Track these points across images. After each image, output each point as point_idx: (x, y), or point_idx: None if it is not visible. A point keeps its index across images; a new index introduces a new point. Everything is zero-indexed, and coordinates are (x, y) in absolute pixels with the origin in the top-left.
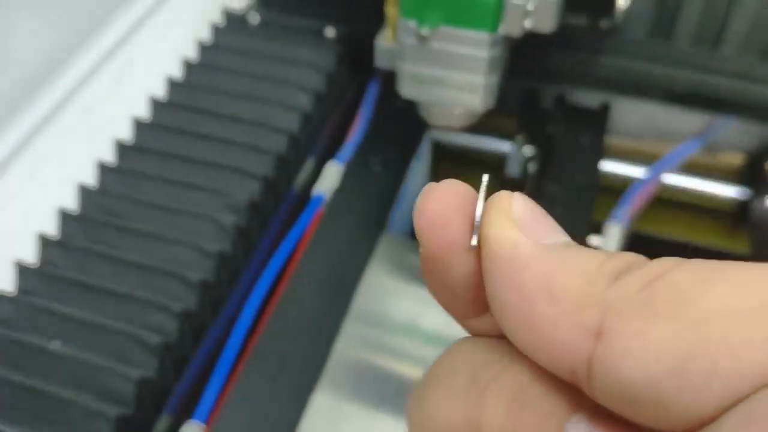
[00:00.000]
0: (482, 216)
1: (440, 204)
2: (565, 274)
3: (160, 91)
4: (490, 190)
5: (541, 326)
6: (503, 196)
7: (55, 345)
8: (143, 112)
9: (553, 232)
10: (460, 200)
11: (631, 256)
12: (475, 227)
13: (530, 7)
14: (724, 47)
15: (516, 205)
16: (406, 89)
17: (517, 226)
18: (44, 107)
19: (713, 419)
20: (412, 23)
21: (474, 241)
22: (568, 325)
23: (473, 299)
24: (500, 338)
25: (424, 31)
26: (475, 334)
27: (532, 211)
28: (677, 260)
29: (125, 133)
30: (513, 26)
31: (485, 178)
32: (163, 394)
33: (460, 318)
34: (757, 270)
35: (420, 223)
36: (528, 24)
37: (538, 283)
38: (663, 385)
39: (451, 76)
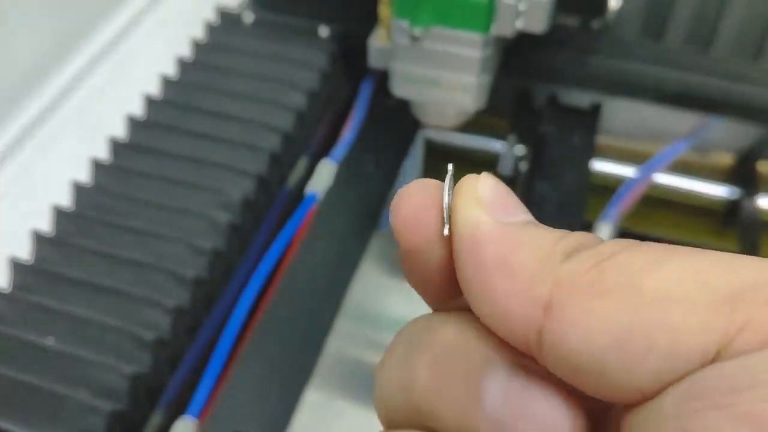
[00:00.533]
0: (451, 202)
1: (411, 203)
2: (521, 250)
3: (155, 89)
4: (457, 180)
5: (497, 299)
6: (469, 178)
7: (50, 341)
8: (137, 109)
9: (516, 211)
10: (430, 196)
11: (584, 236)
12: (445, 217)
13: (522, 7)
14: (715, 48)
15: (481, 186)
16: (399, 89)
17: (481, 206)
18: (39, 105)
19: (652, 393)
20: (405, 23)
21: (446, 231)
22: (521, 298)
23: (449, 285)
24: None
25: (417, 31)
26: None
27: (496, 191)
28: (629, 242)
29: (120, 130)
30: (505, 27)
31: (450, 167)
32: (156, 389)
33: (437, 304)
34: (703, 256)
35: (395, 224)
36: (520, 24)
37: (496, 259)
38: (605, 358)
39: (444, 76)
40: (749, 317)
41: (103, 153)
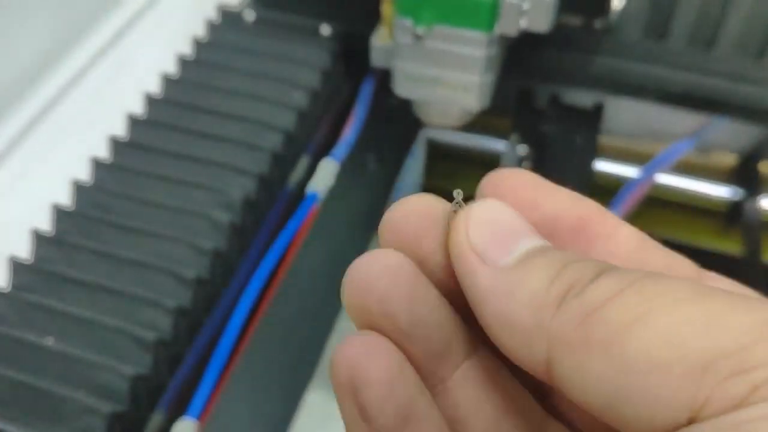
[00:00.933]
0: (447, 243)
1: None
2: (515, 304)
3: (155, 87)
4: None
5: (508, 353)
6: (459, 220)
7: (49, 341)
8: (138, 108)
9: (514, 243)
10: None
11: (574, 276)
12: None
13: (526, 6)
14: (718, 48)
15: (472, 228)
16: (402, 88)
17: (475, 253)
18: (39, 103)
19: None
20: (407, 22)
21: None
22: (524, 354)
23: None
24: None
25: (420, 30)
26: None
27: (488, 228)
28: (620, 284)
29: (120, 129)
30: (509, 26)
31: (456, 195)
32: (156, 390)
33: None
34: (689, 308)
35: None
36: (524, 23)
37: (496, 316)
38: (603, 413)
39: (447, 76)
40: (714, 387)
41: (104, 152)
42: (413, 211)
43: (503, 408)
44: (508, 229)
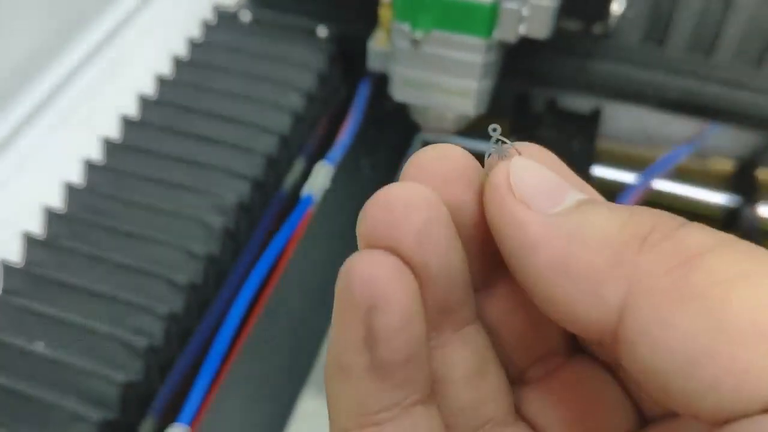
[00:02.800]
0: (484, 199)
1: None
2: (580, 248)
3: (149, 88)
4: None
5: (561, 306)
6: (499, 170)
7: (38, 346)
8: (131, 109)
9: (565, 193)
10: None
11: (655, 217)
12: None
13: (525, 12)
14: (717, 55)
15: (516, 176)
16: (399, 92)
17: (522, 201)
18: (31, 103)
19: (711, 423)
20: (405, 27)
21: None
22: (589, 303)
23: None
24: None
25: (418, 34)
26: None
27: (534, 175)
28: (716, 237)
29: (112, 130)
30: (508, 32)
31: (494, 129)
32: (147, 397)
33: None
34: None
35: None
36: (523, 30)
37: (553, 265)
38: (671, 379)
39: (444, 81)
40: None
41: (96, 153)
42: (444, 155)
43: (486, 382)
44: (554, 181)
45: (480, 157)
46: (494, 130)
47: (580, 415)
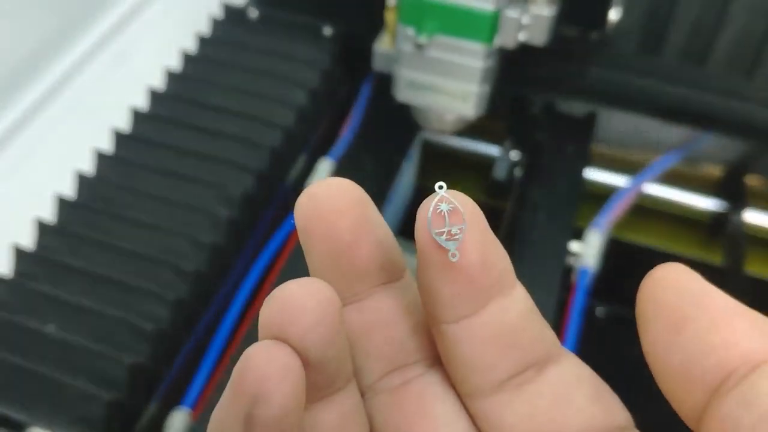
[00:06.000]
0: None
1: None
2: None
3: (158, 80)
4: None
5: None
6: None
7: (50, 329)
8: (140, 100)
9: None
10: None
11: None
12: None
13: (525, 21)
14: (709, 64)
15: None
16: (402, 93)
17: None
18: (41, 94)
19: None
20: (410, 30)
21: (454, 257)
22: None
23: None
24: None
25: (422, 39)
26: None
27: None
28: None
29: (123, 122)
30: (508, 39)
31: (437, 187)
32: (154, 380)
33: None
34: None
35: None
36: (522, 37)
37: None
38: None
39: (446, 84)
40: None
41: (104, 143)
42: (335, 190)
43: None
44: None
45: (480, 157)
46: (440, 187)
47: (412, 428)
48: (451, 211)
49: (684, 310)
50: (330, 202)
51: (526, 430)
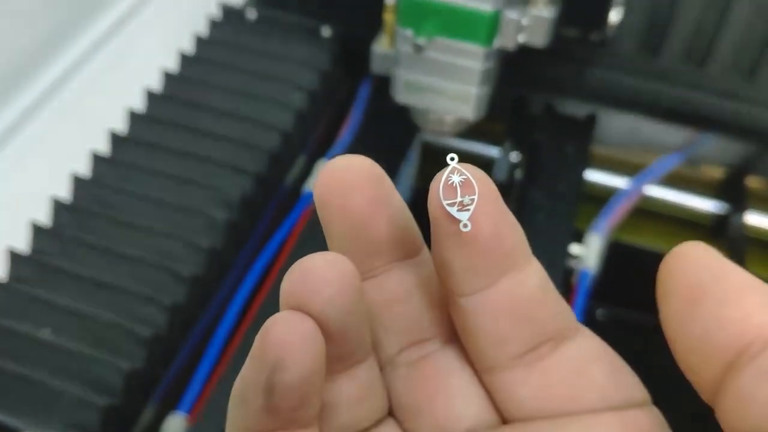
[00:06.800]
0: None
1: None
2: None
3: (155, 81)
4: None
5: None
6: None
7: (45, 333)
8: (136, 101)
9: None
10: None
11: None
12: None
13: (525, 22)
14: (711, 66)
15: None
16: (401, 95)
17: None
18: (37, 95)
19: None
20: (409, 32)
21: (465, 227)
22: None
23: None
24: None
25: (421, 40)
26: None
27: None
28: None
29: (120, 124)
30: (507, 40)
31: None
32: (150, 385)
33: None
34: None
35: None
36: (522, 38)
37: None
38: None
39: (445, 86)
40: None
41: (101, 144)
42: (350, 166)
43: (366, 404)
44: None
45: (480, 159)
46: (452, 158)
47: (429, 401)
48: (463, 183)
49: (702, 284)
50: (348, 177)
51: (541, 404)
